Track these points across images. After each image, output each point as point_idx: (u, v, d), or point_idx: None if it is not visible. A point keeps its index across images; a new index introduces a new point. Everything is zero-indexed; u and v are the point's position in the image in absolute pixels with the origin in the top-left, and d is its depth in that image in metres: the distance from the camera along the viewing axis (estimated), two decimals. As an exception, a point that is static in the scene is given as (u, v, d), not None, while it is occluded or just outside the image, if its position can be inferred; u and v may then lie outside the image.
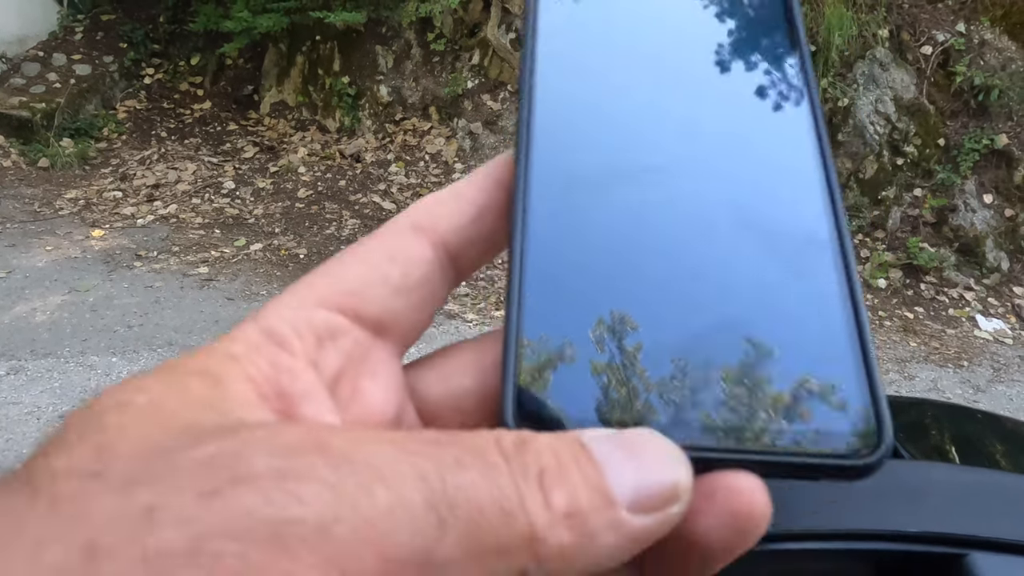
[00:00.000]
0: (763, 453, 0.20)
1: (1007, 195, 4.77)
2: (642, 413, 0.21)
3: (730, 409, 0.21)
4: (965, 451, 0.98)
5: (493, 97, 5.68)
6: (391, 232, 0.25)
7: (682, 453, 0.19)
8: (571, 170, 0.25)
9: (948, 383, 3.77)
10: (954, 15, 4.92)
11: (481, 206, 0.25)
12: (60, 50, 6.45)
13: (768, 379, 0.21)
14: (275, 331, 0.21)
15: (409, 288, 0.24)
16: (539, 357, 0.22)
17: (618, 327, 0.22)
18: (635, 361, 0.21)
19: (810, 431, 0.20)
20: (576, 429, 0.19)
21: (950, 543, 0.59)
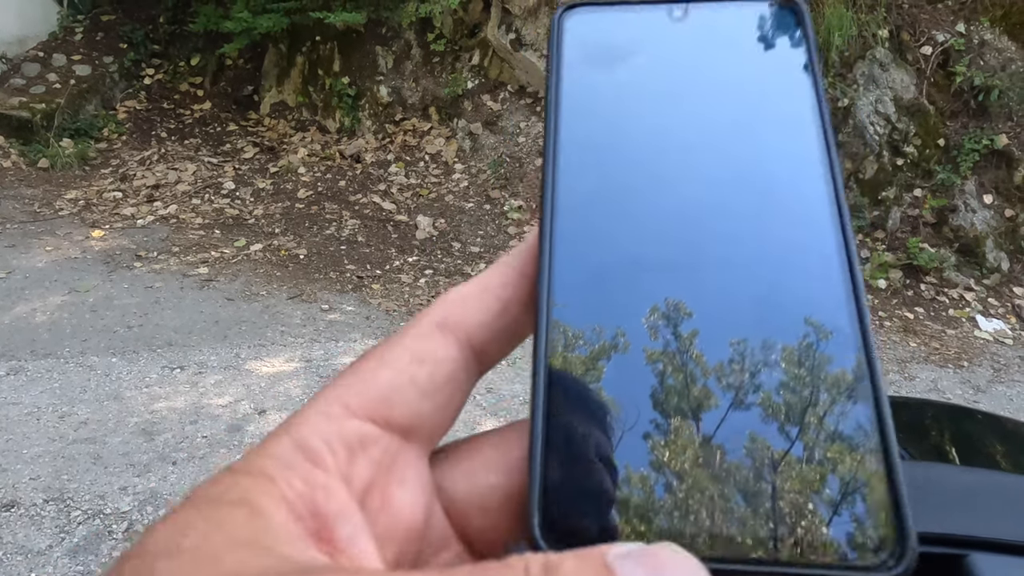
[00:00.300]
0: (786, 565, 0.20)
1: (1007, 195, 4.77)
2: (666, 523, 0.21)
3: (753, 520, 0.21)
4: (965, 451, 0.97)
5: (493, 97, 5.68)
6: (417, 332, 0.25)
7: (704, 569, 0.19)
8: (596, 258, 0.25)
9: (948, 383, 3.77)
10: (954, 15, 4.92)
11: (506, 300, 0.26)
12: (60, 50, 6.45)
13: (791, 490, 0.21)
14: (308, 445, 0.22)
15: (436, 389, 0.24)
16: (564, 465, 0.22)
17: (641, 437, 0.22)
18: (658, 471, 0.21)
19: (833, 542, 0.20)
20: (602, 544, 0.20)
21: (950, 543, 0.59)
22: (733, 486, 0.21)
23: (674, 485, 0.21)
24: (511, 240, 4.89)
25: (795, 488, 0.21)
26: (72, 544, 2.32)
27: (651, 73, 0.29)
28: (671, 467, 0.21)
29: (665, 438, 0.22)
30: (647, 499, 0.21)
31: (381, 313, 4.05)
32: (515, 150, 5.43)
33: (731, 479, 0.21)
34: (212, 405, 3.11)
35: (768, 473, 0.21)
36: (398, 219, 5.10)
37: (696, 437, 0.22)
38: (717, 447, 0.22)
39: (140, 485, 2.60)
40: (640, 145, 0.27)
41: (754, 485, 0.21)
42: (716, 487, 0.21)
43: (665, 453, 0.21)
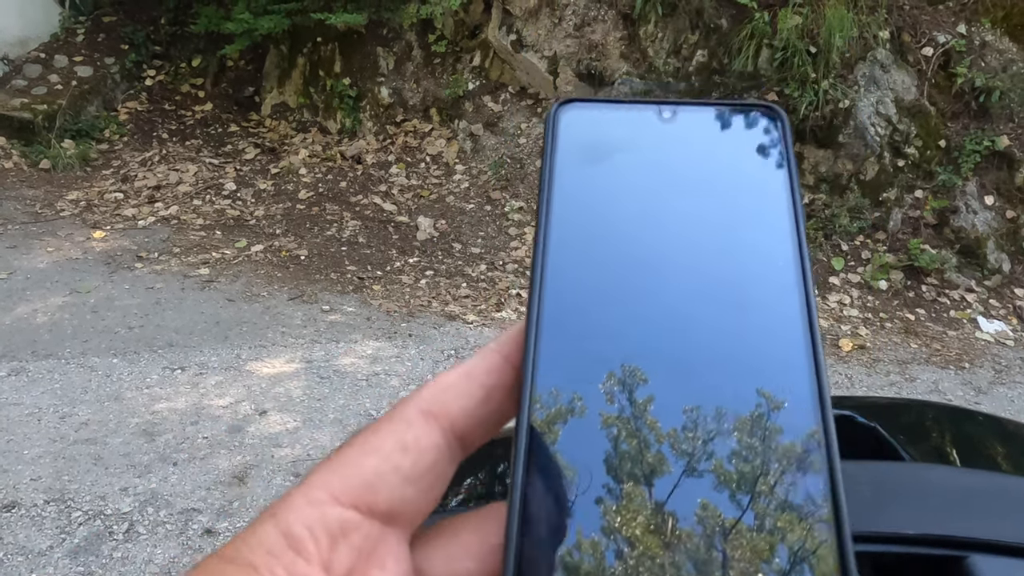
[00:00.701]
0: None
1: (1008, 197, 4.77)
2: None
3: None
4: (966, 453, 0.97)
5: (494, 99, 5.68)
6: (402, 419, 0.26)
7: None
8: (580, 352, 0.26)
9: (949, 385, 3.76)
10: (955, 17, 4.92)
11: (490, 387, 0.26)
12: (62, 52, 6.46)
13: (741, 559, 0.22)
14: (292, 533, 0.23)
15: (419, 476, 0.25)
16: (539, 558, 0.22)
17: (616, 533, 0.22)
18: (636, 569, 0.22)
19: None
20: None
21: (950, 545, 0.59)
22: (684, 554, 0.22)
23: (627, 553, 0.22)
24: (512, 241, 4.90)
25: (745, 557, 0.22)
26: (73, 545, 2.32)
27: (639, 169, 0.30)
28: (648, 569, 0.22)
29: (640, 543, 0.22)
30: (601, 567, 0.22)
31: (382, 314, 4.06)
32: (516, 151, 5.43)
33: (682, 547, 0.22)
34: (213, 406, 3.11)
35: (718, 542, 0.22)
36: (399, 220, 5.11)
37: (670, 536, 0.22)
38: (692, 554, 0.22)
39: (141, 486, 2.60)
40: (625, 239, 0.28)
41: (704, 554, 0.22)
42: (667, 555, 0.22)
43: (641, 556, 0.22)
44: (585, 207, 0.29)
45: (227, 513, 2.51)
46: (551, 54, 5.37)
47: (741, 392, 0.24)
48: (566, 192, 0.29)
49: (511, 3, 5.45)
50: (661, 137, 0.31)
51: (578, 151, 0.30)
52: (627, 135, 0.31)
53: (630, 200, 0.29)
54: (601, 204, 0.29)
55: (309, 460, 2.81)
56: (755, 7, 4.78)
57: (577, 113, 0.31)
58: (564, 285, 0.27)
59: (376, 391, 3.31)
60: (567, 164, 0.30)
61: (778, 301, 0.26)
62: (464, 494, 0.88)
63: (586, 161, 0.30)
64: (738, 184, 0.30)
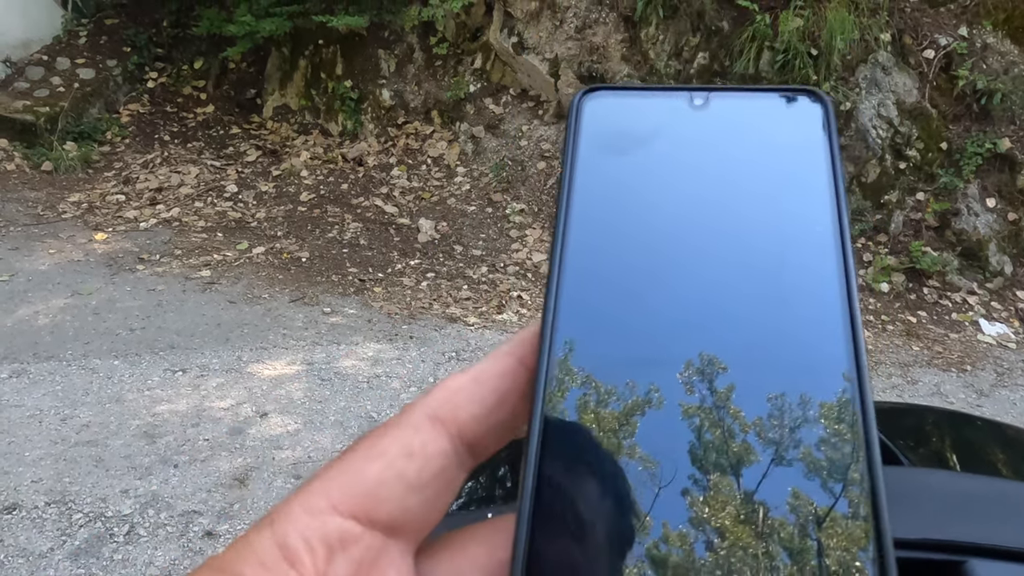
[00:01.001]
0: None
1: (1010, 199, 4.76)
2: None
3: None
4: (965, 458, 0.97)
5: (495, 101, 5.68)
6: (408, 424, 0.24)
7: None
8: (597, 356, 0.24)
9: (951, 387, 3.76)
10: (956, 19, 4.92)
11: (502, 392, 0.25)
12: (64, 54, 6.48)
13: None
14: (287, 544, 0.22)
15: (424, 484, 0.24)
16: (548, 571, 0.21)
17: (628, 545, 0.21)
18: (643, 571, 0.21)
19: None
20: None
21: (948, 550, 0.59)
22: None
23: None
24: (513, 243, 4.90)
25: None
26: (73, 547, 2.32)
27: (668, 161, 0.28)
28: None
29: (651, 554, 0.21)
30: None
31: (383, 316, 4.06)
32: (517, 153, 5.44)
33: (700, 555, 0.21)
34: (214, 408, 3.11)
35: (702, 547, 0.21)
36: (400, 222, 5.11)
37: (687, 546, 0.21)
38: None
39: (142, 488, 2.60)
40: (650, 234, 0.27)
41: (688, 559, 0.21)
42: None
43: (653, 565, 0.21)
44: (608, 201, 0.27)
45: (228, 515, 2.51)
46: (552, 56, 5.38)
47: (772, 395, 0.23)
48: (588, 185, 0.27)
49: (512, 5, 5.45)
50: (692, 125, 0.29)
51: (603, 142, 0.29)
52: (656, 124, 0.29)
53: (658, 193, 0.28)
54: (626, 198, 0.27)
55: (310, 462, 2.81)
56: (756, 9, 4.79)
57: (602, 101, 0.30)
58: (583, 285, 0.25)
59: (377, 393, 3.31)
60: (590, 156, 0.28)
61: (819, 298, 0.24)
62: (464, 498, 0.88)
63: (611, 152, 0.28)
64: (777, 176, 0.28)
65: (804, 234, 0.26)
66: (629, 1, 5.14)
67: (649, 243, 0.26)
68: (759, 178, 0.28)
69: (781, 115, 0.29)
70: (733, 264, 0.25)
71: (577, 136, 0.29)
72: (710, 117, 0.29)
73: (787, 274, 0.25)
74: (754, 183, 0.27)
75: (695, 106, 0.29)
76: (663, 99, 0.30)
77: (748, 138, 0.28)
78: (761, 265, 0.25)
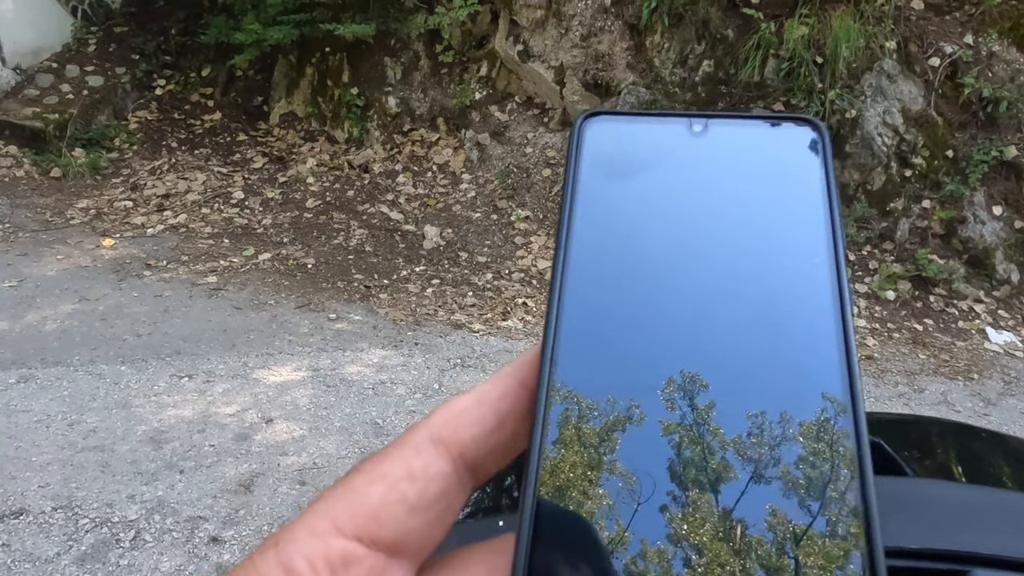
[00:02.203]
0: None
1: (1017, 207, 4.75)
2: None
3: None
4: (970, 469, 0.97)
5: (501, 108, 5.70)
6: (411, 446, 0.25)
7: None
8: (597, 381, 0.24)
9: (958, 396, 3.74)
10: (962, 27, 4.92)
11: (503, 414, 0.25)
12: (73, 61, 6.53)
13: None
14: (292, 567, 0.23)
15: (427, 506, 0.24)
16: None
17: (638, 555, 0.21)
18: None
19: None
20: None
21: (952, 560, 0.59)
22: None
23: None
24: (518, 250, 4.90)
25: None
26: (80, 552, 2.33)
27: (667, 186, 0.29)
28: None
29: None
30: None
31: (388, 323, 4.07)
32: (522, 160, 5.45)
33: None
34: (220, 414, 3.12)
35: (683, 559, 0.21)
36: (405, 229, 5.12)
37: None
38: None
39: (148, 493, 2.61)
40: (649, 260, 0.27)
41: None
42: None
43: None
44: (609, 225, 0.28)
45: (233, 521, 2.52)
46: (558, 64, 5.40)
47: (771, 414, 0.23)
48: (589, 209, 0.28)
49: (518, 14, 5.48)
50: (691, 151, 0.29)
51: (603, 166, 0.29)
52: (655, 149, 0.29)
53: (657, 218, 0.28)
54: (626, 222, 0.28)
55: (315, 469, 2.81)
56: (761, 18, 4.80)
57: (603, 126, 0.30)
58: (584, 308, 0.26)
59: (382, 400, 3.31)
60: (591, 180, 0.28)
61: (815, 328, 0.25)
62: (471, 507, 0.88)
63: (611, 176, 0.29)
64: (773, 203, 0.28)
65: (799, 262, 0.26)
66: (634, 9, 5.16)
67: (648, 269, 0.27)
68: (755, 205, 0.28)
69: (778, 143, 0.29)
70: (732, 291, 0.26)
71: (578, 160, 0.29)
72: (708, 143, 0.29)
73: (784, 302, 0.26)
74: (750, 210, 0.28)
75: (694, 132, 0.29)
76: (662, 124, 0.30)
77: (745, 165, 0.29)
78: (758, 293, 0.26)
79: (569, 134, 0.30)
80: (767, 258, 0.27)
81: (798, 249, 0.27)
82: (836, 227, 0.27)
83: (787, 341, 0.25)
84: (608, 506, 0.22)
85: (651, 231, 0.28)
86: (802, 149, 0.29)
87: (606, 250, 0.27)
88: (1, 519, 2.44)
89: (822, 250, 0.26)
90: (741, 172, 0.29)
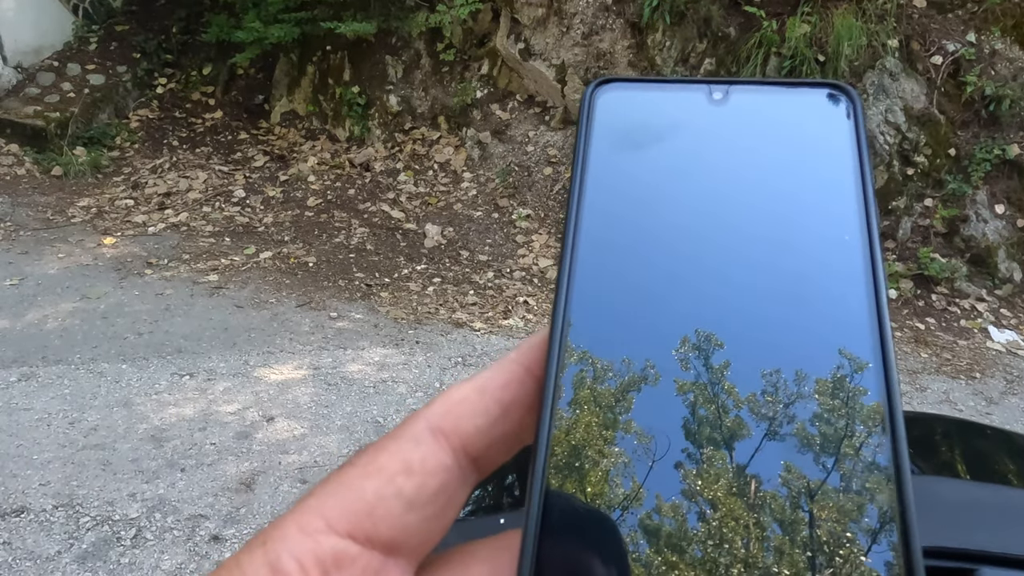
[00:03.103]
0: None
1: (1019, 205, 4.74)
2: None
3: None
4: (975, 467, 0.97)
5: (502, 107, 5.70)
6: (409, 437, 0.23)
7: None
8: (610, 366, 0.23)
9: (960, 395, 3.73)
10: (964, 25, 4.90)
11: (508, 403, 0.24)
12: (74, 60, 6.53)
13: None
14: (280, 567, 0.21)
15: (426, 501, 0.22)
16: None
17: (636, 565, 0.20)
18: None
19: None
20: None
21: (959, 558, 0.58)
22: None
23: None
24: (519, 249, 4.90)
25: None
26: (81, 550, 2.33)
27: (684, 156, 0.27)
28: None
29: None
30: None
31: (389, 321, 4.06)
32: (524, 159, 5.44)
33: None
34: (221, 412, 3.12)
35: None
36: (407, 227, 5.12)
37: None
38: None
39: (149, 492, 2.61)
40: (665, 236, 0.25)
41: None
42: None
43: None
44: (621, 200, 0.26)
45: (234, 519, 2.51)
46: (559, 62, 5.39)
47: (788, 372, 0.22)
48: (600, 184, 0.26)
49: (519, 12, 5.47)
50: (711, 120, 0.27)
51: (616, 137, 0.27)
52: (672, 118, 0.27)
53: (674, 190, 0.26)
54: (639, 196, 0.26)
55: (316, 467, 2.81)
56: (763, 16, 4.79)
57: (616, 94, 0.28)
58: (595, 289, 0.24)
59: (383, 398, 3.31)
60: (603, 151, 0.27)
61: (846, 298, 0.23)
62: (472, 506, 0.88)
63: (625, 148, 0.27)
64: (800, 175, 0.26)
65: (829, 231, 0.25)
66: (636, 7, 5.15)
67: (664, 245, 0.25)
68: (781, 177, 0.26)
69: (806, 110, 0.27)
70: (756, 264, 0.24)
71: (589, 131, 0.27)
72: (730, 111, 0.27)
73: (813, 272, 0.24)
74: (776, 183, 0.26)
75: (714, 100, 0.28)
76: (680, 92, 0.28)
77: (770, 134, 0.27)
78: (786, 265, 0.24)
79: (580, 102, 0.28)
80: (792, 228, 0.25)
81: (828, 219, 0.25)
82: (869, 198, 0.25)
83: (814, 307, 0.23)
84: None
85: (667, 203, 0.26)
86: (831, 116, 0.27)
87: (619, 226, 0.25)
88: (2, 517, 2.44)
89: (853, 220, 0.25)
90: (764, 141, 0.27)
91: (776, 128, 0.27)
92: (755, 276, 0.24)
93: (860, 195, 0.25)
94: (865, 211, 0.25)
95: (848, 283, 0.24)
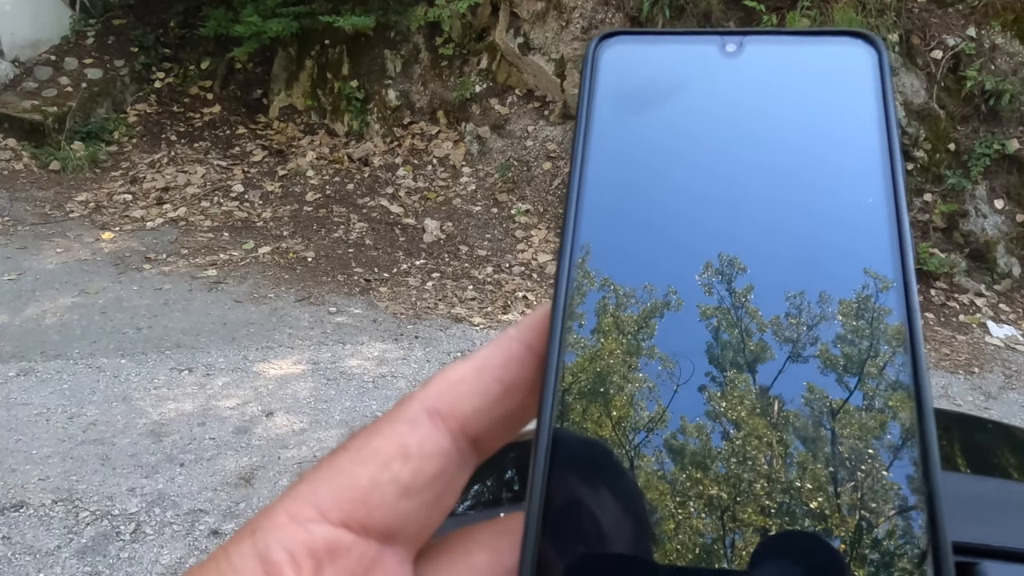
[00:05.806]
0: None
1: (1019, 200, 4.74)
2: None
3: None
4: (976, 461, 0.97)
5: (501, 101, 5.68)
6: (404, 420, 0.22)
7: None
8: (616, 344, 0.22)
9: (959, 390, 3.74)
10: (965, 19, 4.89)
11: (508, 382, 0.23)
12: (72, 54, 6.51)
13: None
14: (270, 558, 0.20)
15: (423, 487, 0.21)
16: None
17: (639, 555, 0.20)
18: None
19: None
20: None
21: (960, 552, 0.58)
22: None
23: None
24: (518, 244, 4.90)
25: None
26: (80, 545, 2.33)
27: (695, 116, 0.25)
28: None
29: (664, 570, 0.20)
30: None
31: (388, 316, 4.06)
32: (523, 154, 5.43)
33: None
34: (220, 407, 3.12)
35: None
36: (406, 222, 5.11)
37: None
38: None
39: (148, 486, 2.61)
40: (675, 198, 0.24)
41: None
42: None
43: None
44: (628, 162, 0.24)
45: (233, 514, 2.52)
46: (558, 57, 5.37)
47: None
48: (605, 145, 0.25)
49: (519, 6, 5.45)
50: (724, 75, 0.25)
51: (622, 94, 0.25)
52: (682, 73, 0.26)
53: (684, 153, 0.25)
54: (647, 158, 0.24)
55: (315, 461, 2.79)
56: (763, 10, 4.78)
57: (621, 49, 0.26)
58: (599, 261, 0.23)
59: (382, 393, 3.31)
60: (608, 111, 0.25)
61: (870, 230, 0.23)
62: (471, 501, 0.87)
63: (631, 106, 0.25)
64: (820, 130, 0.25)
65: (852, 176, 0.24)
66: (635, 1, 5.14)
67: (673, 208, 0.24)
68: (801, 135, 0.25)
69: (827, 62, 0.26)
70: (777, 200, 0.23)
71: (593, 88, 0.26)
72: (744, 65, 0.26)
73: (835, 203, 0.23)
74: (795, 140, 0.25)
75: (727, 52, 0.26)
76: (690, 45, 0.26)
77: (788, 89, 0.25)
78: (806, 199, 0.23)
79: (583, 58, 0.26)
80: (815, 192, 0.24)
81: (851, 170, 0.24)
82: (895, 155, 0.24)
83: (837, 233, 0.23)
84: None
85: (677, 167, 0.24)
86: (854, 68, 0.25)
87: (625, 190, 0.24)
88: (1, 512, 2.44)
89: (877, 178, 0.24)
90: (783, 97, 0.25)
91: (795, 81, 0.26)
92: (775, 212, 0.23)
93: (885, 146, 0.24)
94: (890, 156, 0.24)
95: (870, 213, 0.23)
